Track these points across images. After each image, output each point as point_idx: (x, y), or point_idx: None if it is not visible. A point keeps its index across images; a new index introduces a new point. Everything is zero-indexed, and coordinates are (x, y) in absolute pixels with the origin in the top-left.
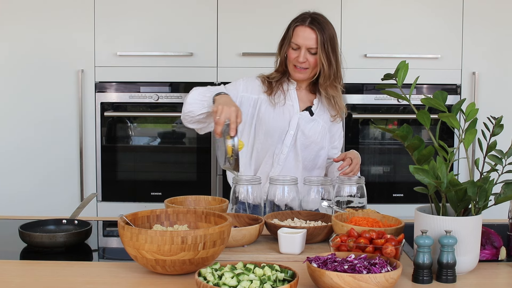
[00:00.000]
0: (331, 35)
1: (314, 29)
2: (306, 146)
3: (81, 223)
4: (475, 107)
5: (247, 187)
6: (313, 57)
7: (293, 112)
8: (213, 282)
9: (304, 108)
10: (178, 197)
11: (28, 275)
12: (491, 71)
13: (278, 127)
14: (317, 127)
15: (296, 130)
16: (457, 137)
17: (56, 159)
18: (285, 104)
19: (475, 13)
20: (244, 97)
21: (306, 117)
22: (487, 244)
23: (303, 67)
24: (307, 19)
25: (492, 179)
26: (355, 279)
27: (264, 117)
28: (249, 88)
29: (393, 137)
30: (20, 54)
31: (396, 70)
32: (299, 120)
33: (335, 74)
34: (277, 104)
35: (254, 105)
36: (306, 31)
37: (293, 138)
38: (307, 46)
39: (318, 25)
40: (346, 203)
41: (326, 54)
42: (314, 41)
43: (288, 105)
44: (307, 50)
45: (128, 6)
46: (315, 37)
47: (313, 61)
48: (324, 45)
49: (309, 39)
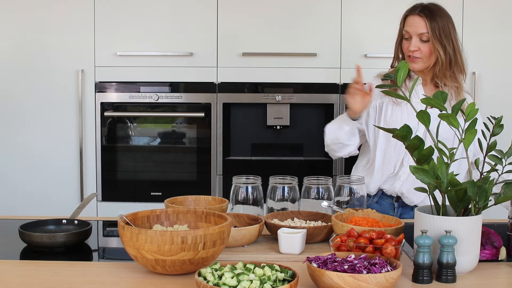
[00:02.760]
0: (444, 22)
1: (423, 16)
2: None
3: (81, 223)
4: (475, 107)
5: (246, 187)
6: (426, 45)
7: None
8: (213, 282)
9: None
10: (178, 197)
11: (28, 275)
12: (491, 71)
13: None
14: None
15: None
16: (457, 137)
17: (56, 159)
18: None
19: (475, 13)
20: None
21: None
22: (487, 244)
23: (416, 56)
24: (418, 8)
25: (492, 179)
26: (355, 279)
27: (392, 119)
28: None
29: (393, 137)
30: (20, 54)
31: (396, 70)
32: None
33: (453, 63)
34: (403, 103)
35: (379, 110)
36: (415, 19)
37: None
38: (417, 33)
39: (428, 12)
40: (346, 203)
41: (440, 41)
42: (424, 28)
43: (414, 102)
44: (418, 38)
45: (128, 6)
46: (425, 24)
47: (426, 50)
48: (435, 32)
49: (419, 26)
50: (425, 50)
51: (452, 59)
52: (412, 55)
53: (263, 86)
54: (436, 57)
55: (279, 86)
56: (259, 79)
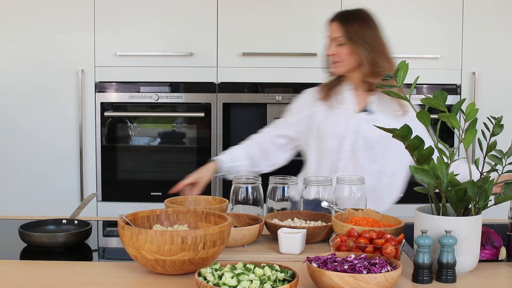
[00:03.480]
0: (361, 24)
1: (338, 21)
2: (369, 148)
3: (81, 223)
4: (475, 107)
5: (246, 187)
6: (342, 48)
7: (350, 114)
8: (213, 282)
9: (363, 108)
10: (178, 197)
11: (28, 275)
12: (491, 71)
13: (335, 132)
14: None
15: (354, 133)
16: (457, 137)
17: (56, 159)
18: (340, 107)
19: (475, 13)
20: (302, 117)
21: (364, 118)
22: (487, 244)
23: (335, 60)
24: (336, 14)
25: (492, 179)
26: (355, 279)
27: (323, 126)
28: (303, 104)
29: (393, 137)
30: (20, 54)
31: (396, 70)
32: (356, 121)
33: (375, 64)
34: (333, 109)
35: (311, 119)
36: (332, 24)
37: (352, 142)
38: (333, 38)
39: (344, 17)
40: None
41: (355, 43)
42: (338, 32)
43: (343, 108)
44: (335, 42)
45: (128, 6)
46: (339, 28)
47: (343, 53)
48: (350, 35)
49: (334, 31)
50: (343, 53)
51: (375, 59)
52: (331, 59)
53: (263, 86)
54: (356, 59)
55: (279, 86)
56: (259, 79)
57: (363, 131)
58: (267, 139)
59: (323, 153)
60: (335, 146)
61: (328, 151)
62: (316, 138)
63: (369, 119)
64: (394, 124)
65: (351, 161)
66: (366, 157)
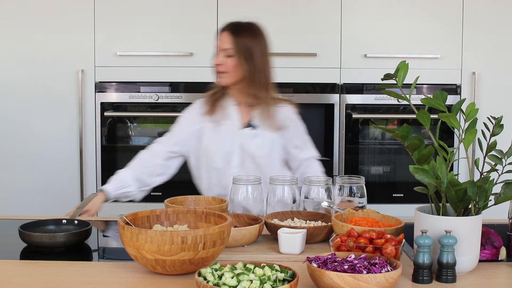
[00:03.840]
0: (251, 39)
1: (230, 32)
2: (255, 164)
3: (81, 223)
4: (475, 107)
5: (246, 187)
6: (230, 60)
7: (235, 130)
8: (213, 282)
9: (248, 123)
10: (178, 197)
11: (28, 275)
12: (491, 71)
13: (221, 150)
14: (261, 141)
15: (240, 149)
16: (457, 137)
17: (56, 159)
18: (225, 123)
19: (475, 13)
20: (190, 132)
21: (248, 133)
22: (487, 244)
23: (221, 70)
24: (228, 25)
25: (492, 179)
26: (355, 279)
27: (210, 141)
28: (191, 119)
29: (393, 137)
30: (20, 54)
31: (396, 70)
32: (242, 137)
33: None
34: (219, 125)
35: (199, 135)
36: (223, 34)
37: (239, 158)
38: (222, 48)
39: (236, 28)
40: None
41: (242, 57)
42: (228, 43)
43: (229, 124)
44: (223, 53)
45: (128, 6)
46: (230, 40)
47: (229, 64)
48: (238, 48)
49: (224, 42)
50: (229, 65)
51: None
52: (217, 69)
53: None
54: (242, 73)
55: (279, 86)
56: None
57: (248, 147)
58: (156, 155)
59: (212, 171)
60: (223, 163)
61: (217, 169)
62: (205, 156)
63: (254, 134)
64: (278, 137)
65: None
66: (256, 170)
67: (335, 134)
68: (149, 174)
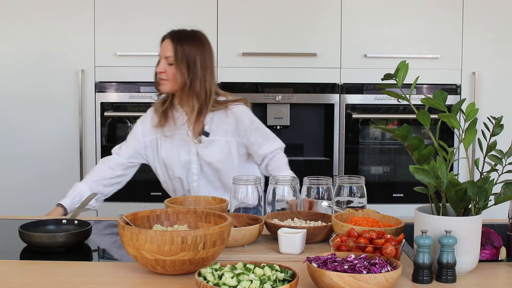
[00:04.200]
0: (193, 48)
1: (171, 39)
2: (214, 169)
3: (81, 223)
4: (475, 107)
5: (246, 187)
6: (171, 68)
7: (189, 140)
8: (213, 282)
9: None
10: (178, 197)
11: (28, 275)
12: (491, 71)
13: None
14: (216, 147)
15: (197, 156)
16: (457, 137)
17: (56, 159)
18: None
19: (475, 13)
20: (146, 142)
21: (204, 141)
22: (487, 244)
23: (162, 78)
24: (170, 32)
25: (492, 179)
26: (355, 279)
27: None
28: (144, 131)
29: (393, 137)
30: (20, 54)
31: (396, 70)
32: (196, 146)
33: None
34: (173, 135)
35: (153, 146)
36: (165, 42)
37: (197, 165)
38: (164, 56)
39: (178, 36)
40: (346, 203)
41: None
42: (170, 51)
43: (182, 134)
44: (165, 61)
45: (128, 6)
46: (171, 47)
47: (170, 72)
48: (178, 56)
49: (166, 49)
50: (170, 73)
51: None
52: (159, 76)
53: (263, 86)
54: (183, 81)
55: (279, 86)
56: (259, 79)
57: (203, 155)
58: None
59: (174, 179)
60: (183, 172)
61: (178, 178)
62: (164, 166)
63: (208, 141)
64: (234, 139)
65: (202, 182)
66: (215, 176)
67: (335, 134)
68: (105, 185)
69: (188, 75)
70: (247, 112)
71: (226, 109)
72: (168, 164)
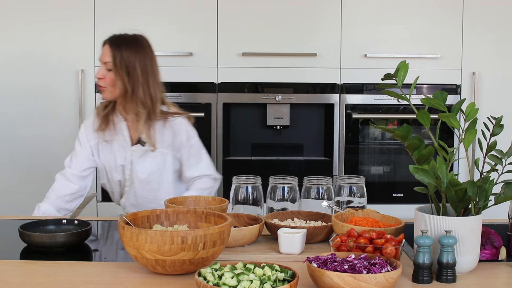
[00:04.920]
0: (131, 53)
1: (109, 45)
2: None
3: (81, 223)
4: (475, 107)
5: (246, 187)
6: (110, 74)
7: (126, 146)
8: (213, 282)
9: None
10: (178, 197)
11: (28, 275)
12: (491, 71)
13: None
14: (150, 159)
15: (131, 164)
16: (457, 137)
17: (56, 159)
18: (117, 139)
19: (475, 13)
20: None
21: (137, 150)
22: (487, 244)
23: (101, 84)
24: (110, 38)
25: (492, 179)
26: (355, 279)
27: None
28: (87, 136)
29: (393, 137)
30: (20, 54)
31: (396, 70)
32: (132, 154)
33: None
34: (112, 141)
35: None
36: (105, 47)
37: (130, 173)
38: (103, 61)
39: (116, 41)
40: (346, 203)
41: (120, 71)
42: (108, 57)
43: (120, 140)
44: (104, 66)
45: (128, 6)
46: (109, 53)
47: (109, 79)
48: (116, 62)
49: (105, 55)
50: (109, 79)
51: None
52: (98, 83)
53: (263, 86)
54: (123, 88)
55: (279, 86)
56: (259, 79)
57: (136, 165)
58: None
59: (114, 183)
60: (120, 176)
61: (115, 182)
62: (104, 170)
63: (143, 151)
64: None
65: (133, 190)
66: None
67: (335, 134)
68: (67, 201)
69: (128, 82)
70: (186, 126)
71: (166, 120)
72: (107, 168)
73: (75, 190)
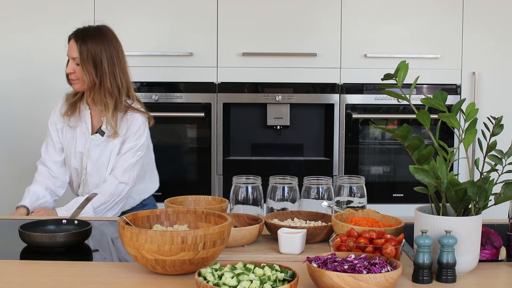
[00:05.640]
0: (97, 46)
1: (75, 39)
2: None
3: (81, 223)
4: (475, 107)
5: (246, 187)
6: (78, 68)
7: (87, 134)
8: (213, 282)
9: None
10: (178, 197)
11: (28, 275)
12: (491, 71)
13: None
14: (104, 149)
15: (89, 153)
16: (457, 137)
17: None
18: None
19: (475, 13)
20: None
21: (95, 139)
22: (487, 244)
23: (72, 78)
24: (74, 32)
25: (492, 179)
26: (355, 279)
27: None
28: (55, 120)
29: (393, 137)
30: (20, 54)
31: (396, 70)
32: (90, 142)
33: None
34: (75, 127)
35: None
36: (71, 42)
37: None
38: (71, 56)
39: (81, 35)
40: (346, 203)
41: (87, 65)
42: (75, 52)
43: (83, 127)
44: (73, 61)
45: (128, 6)
46: (75, 48)
47: (78, 73)
48: (83, 56)
49: (72, 50)
50: (79, 73)
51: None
52: (69, 77)
53: (263, 86)
54: (91, 79)
55: (279, 86)
56: (259, 79)
57: (92, 153)
58: (52, 167)
59: (72, 170)
60: (78, 164)
61: (74, 169)
62: (65, 155)
63: (100, 141)
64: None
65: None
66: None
67: (335, 134)
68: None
69: (96, 74)
70: (141, 123)
71: (125, 113)
72: (67, 153)
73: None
